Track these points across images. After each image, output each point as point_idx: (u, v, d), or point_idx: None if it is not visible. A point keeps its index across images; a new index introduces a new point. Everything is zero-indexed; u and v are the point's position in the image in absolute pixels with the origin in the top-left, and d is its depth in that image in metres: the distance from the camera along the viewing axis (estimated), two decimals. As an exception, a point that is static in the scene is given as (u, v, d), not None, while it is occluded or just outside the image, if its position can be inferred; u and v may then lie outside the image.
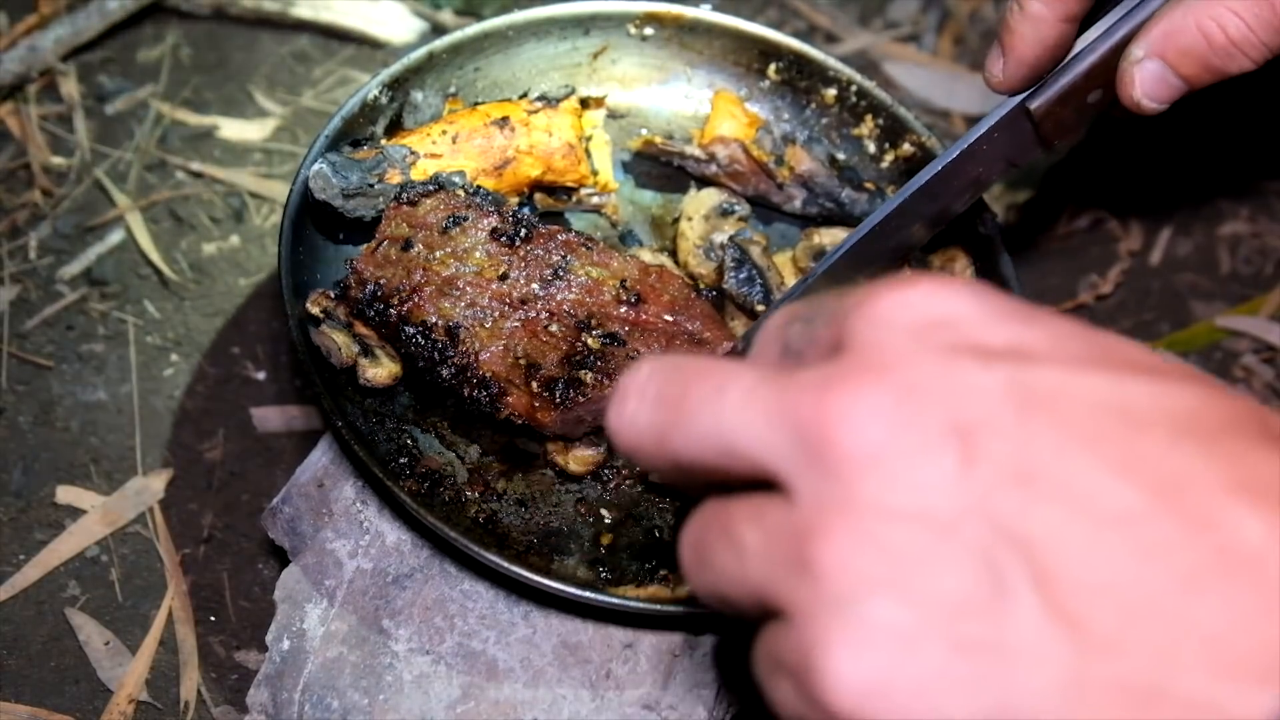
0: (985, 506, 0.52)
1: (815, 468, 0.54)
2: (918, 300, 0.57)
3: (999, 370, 0.54)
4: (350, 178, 1.15)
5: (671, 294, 1.10)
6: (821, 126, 1.34)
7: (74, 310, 1.34)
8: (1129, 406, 0.53)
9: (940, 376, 0.54)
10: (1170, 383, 0.55)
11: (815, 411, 0.54)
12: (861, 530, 0.53)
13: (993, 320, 0.57)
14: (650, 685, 1.04)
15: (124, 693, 1.12)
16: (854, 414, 0.54)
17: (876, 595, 0.52)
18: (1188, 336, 1.46)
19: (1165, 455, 0.52)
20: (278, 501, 1.12)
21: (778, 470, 0.56)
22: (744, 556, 0.58)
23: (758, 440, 0.57)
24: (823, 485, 0.54)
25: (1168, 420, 0.53)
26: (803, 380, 0.56)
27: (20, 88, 1.49)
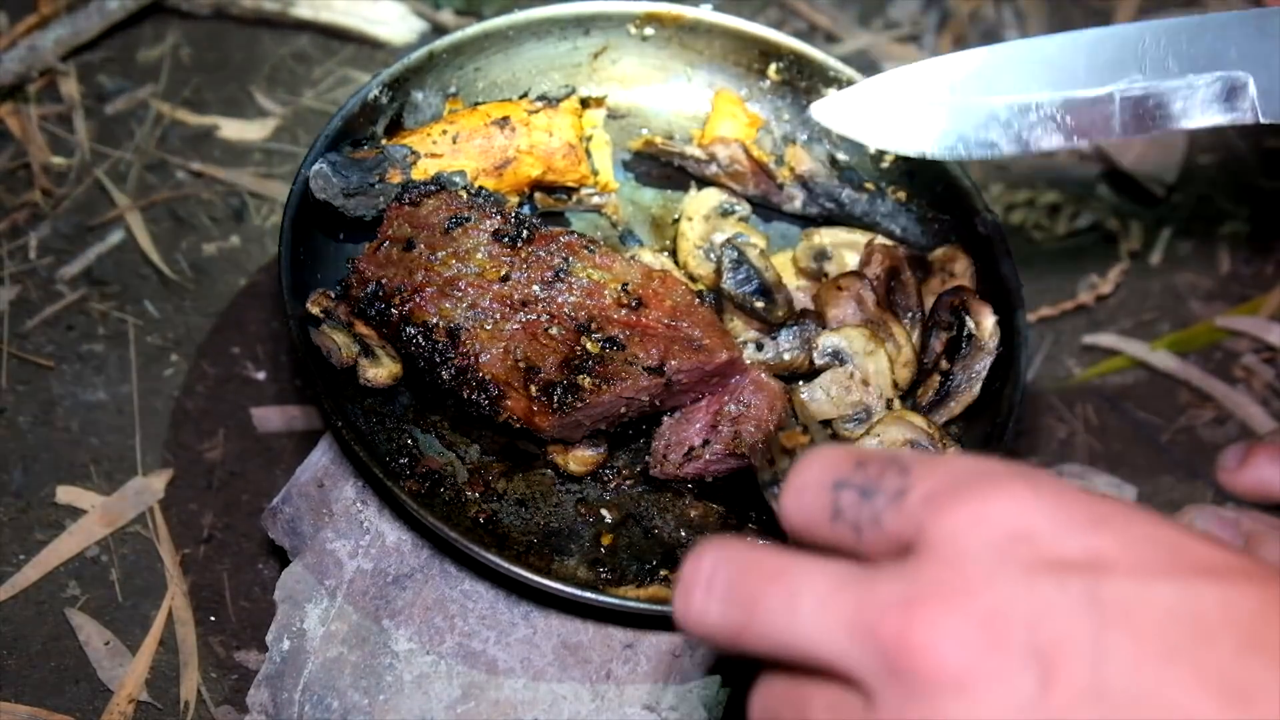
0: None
1: (900, 685, 0.57)
2: (995, 514, 0.59)
3: (1074, 587, 0.56)
4: (351, 177, 1.15)
5: (673, 299, 1.10)
6: (822, 127, 1.34)
7: (74, 310, 1.34)
8: (1198, 615, 0.56)
9: (1020, 598, 0.56)
10: (1237, 586, 0.57)
11: (900, 634, 0.57)
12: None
13: (1067, 530, 0.58)
14: (650, 685, 1.04)
15: (124, 693, 1.12)
16: (939, 638, 0.56)
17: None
18: (1188, 336, 1.46)
19: (1235, 665, 0.55)
20: (278, 501, 1.12)
21: (857, 677, 0.58)
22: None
23: (838, 650, 0.59)
24: (907, 703, 0.57)
25: (1235, 629, 0.56)
26: (883, 594, 0.58)
27: (20, 88, 1.49)
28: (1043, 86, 1.05)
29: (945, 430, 1.16)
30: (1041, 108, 1.05)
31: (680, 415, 1.12)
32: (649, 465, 1.12)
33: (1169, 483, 1.35)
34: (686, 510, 1.12)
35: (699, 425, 1.11)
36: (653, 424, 1.13)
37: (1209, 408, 1.41)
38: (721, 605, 0.63)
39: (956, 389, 1.17)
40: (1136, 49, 1.03)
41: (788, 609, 0.60)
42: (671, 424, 1.12)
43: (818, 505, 0.64)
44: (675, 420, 1.12)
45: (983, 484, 0.60)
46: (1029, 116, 1.05)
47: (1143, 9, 1.74)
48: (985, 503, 0.59)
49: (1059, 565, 0.57)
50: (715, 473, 1.11)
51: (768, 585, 0.61)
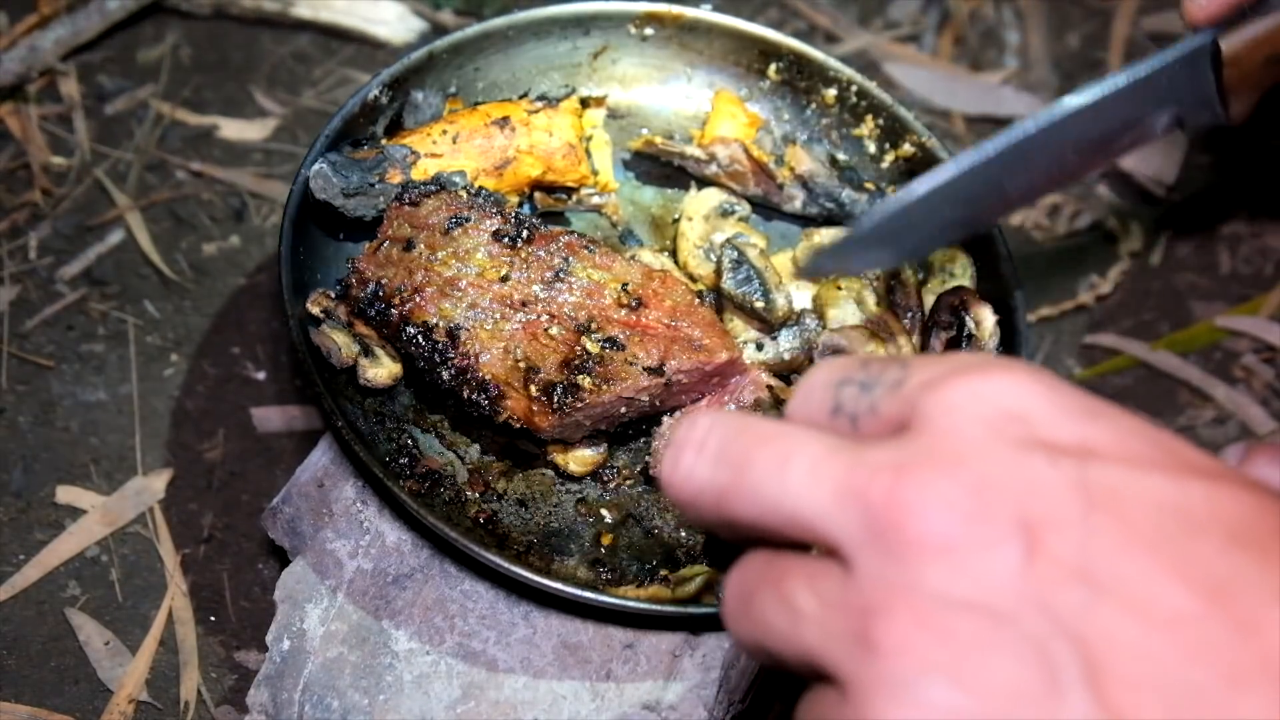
0: (1045, 601, 0.54)
1: (882, 549, 0.56)
2: (991, 392, 0.59)
3: (1066, 467, 0.56)
4: (351, 177, 1.15)
5: (673, 299, 1.10)
6: (822, 127, 1.34)
7: (74, 310, 1.34)
8: (1187, 509, 0.56)
9: (1010, 471, 0.56)
10: (1226, 488, 0.57)
11: (888, 496, 0.56)
12: (925, 615, 0.55)
13: (1062, 416, 0.59)
14: (650, 685, 1.04)
15: (124, 693, 1.12)
16: (926, 503, 0.56)
17: (935, 678, 0.54)
18: (1188, 336, 1.46)
19: (1218, 560, 0.55)
20: (278, 501, 1.12)
21: (841, 544, 0.58)
22: (798, 619, 0.59)
23: (824, 514, 0.58)
24: (889, 566, 0.56)
25: (1222, 526, 0.56)
26: (874, 460, 0.58)
27: (20, 88, 1.49)
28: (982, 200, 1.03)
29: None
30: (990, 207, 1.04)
31: (680, 415, 1.12)
32: (649, 465, 1.12)
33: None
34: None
35: (699, 425, 1.10)
36: (653, 424, 1.13)
37: (1209, 408, 1.41)
38: (711, 465, 0.62)
39: (956, 389, 1.17)
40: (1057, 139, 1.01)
41: (778, 470, 0.60)
42: (671, 424, 1.12)
43: (819, 401, 0.64)
44: (675, 420, 1.12)
45: (982, 367, 0.60)
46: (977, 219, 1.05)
47: (1143, 9, 1.74)
48: (982, 382, 0.59)
49: (1052, 446, 0.57)
50: (715, 473, 1.11)
51: (760, 446, 0.61)
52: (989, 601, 0.55)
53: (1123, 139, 1.01)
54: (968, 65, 1.68)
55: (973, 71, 1.67)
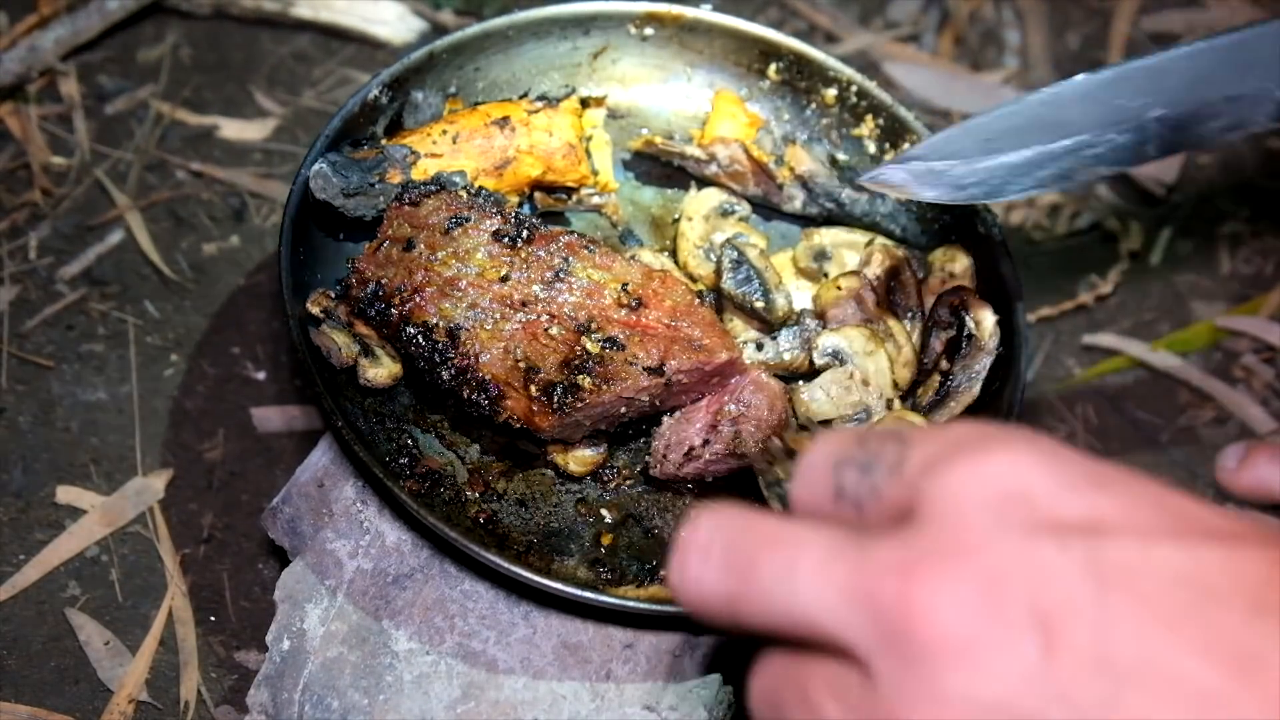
0: (1069, 695, 0.53)
1: (898, 654, 0.55)
2: (992, 473, 0.57)
3: (1076, 549, 0.55)
4: (351, 177, 1.15)
5: (673, 299, 1.10)
6: (822, 126, 1.34)
7: (74, 310, 1.34)
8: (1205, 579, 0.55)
9: (1019, 560, 0.55)
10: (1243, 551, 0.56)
11: (898, 598, 0.55)
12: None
13: (1067, 490, 0.57)
14: (650, 685, 1.04)
15: (124, 693, 1.12)
16: (938, 603, 0.55)
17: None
18: (1188, 336, 1.46)
19: (1243, 631, 0.53)
20: (278, 501, 1.12)
21: (856, 649, 0.57)
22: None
23: (835, 619, 0.57)
24: (908, 673, 0.55)
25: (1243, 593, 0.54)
26: (880, 560, 0.57)
27: (20, 88, 1.49)
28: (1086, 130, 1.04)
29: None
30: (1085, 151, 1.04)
31: (680, 415, 1.12)
32: (649, 465, 1.12)
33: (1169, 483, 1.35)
34: (686, 510, 1.12)
35: (699, 425, 1.11)
36: (653, 424, 1.13)
37: (1209, 408, 1.41)
38: (717, 571, 0.62)
39: (956, 389, 1.17)
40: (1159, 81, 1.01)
41: (785, 575, 0.59)
42: (671, 424, 1.12)
43: (821, 486, 0.63)
44: (675, 420, 1.12)
45: (980, 445, 0.58)
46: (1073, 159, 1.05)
47: (1143, 9, 1.74)
48: (982, 462, 0.58)
49: (1059, 526, 0.56)
50: (715, 473, 1.11)
51: (765, 550, 0.60)
52: (1012, 701, 0.53)
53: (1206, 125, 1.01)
54: (968, 65, 1.68)
55: (973, 71, 1.67)
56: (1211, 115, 1.01)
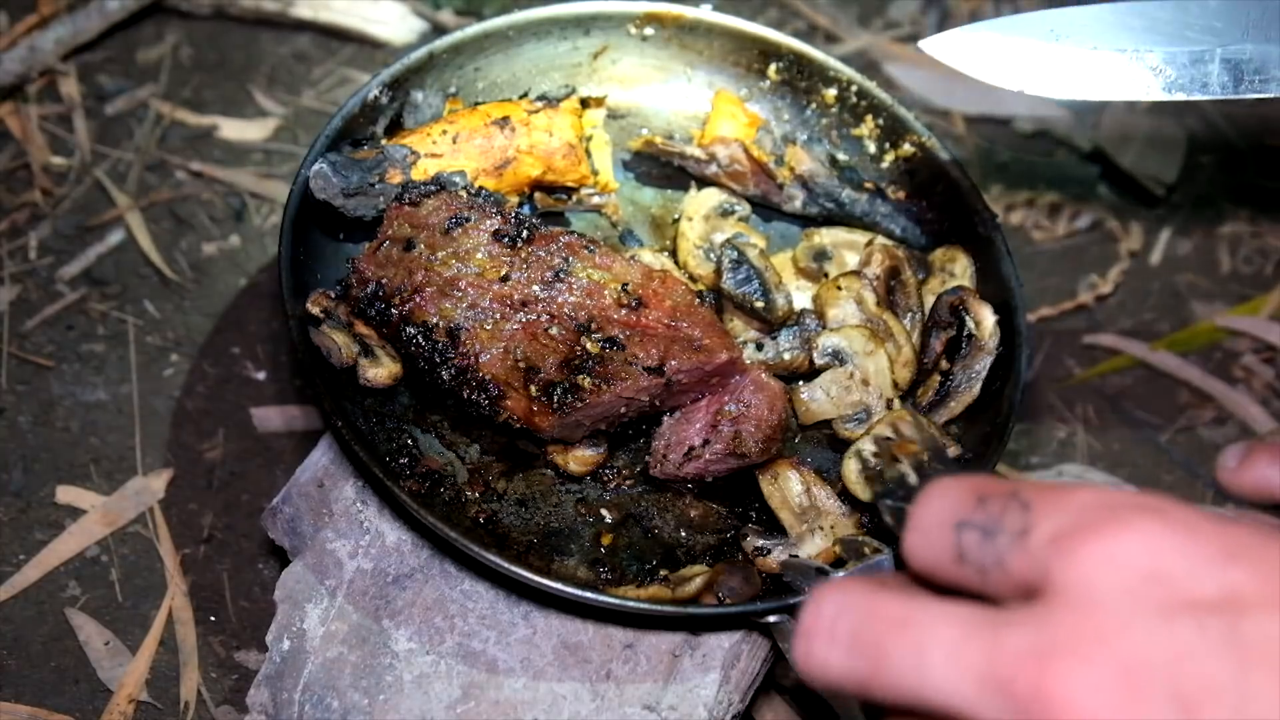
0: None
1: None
2: (1126, 554, 0.57)
3: (1214, 629, 0.55)
4: (351, 177, 1.15)
5: (674, 299, 1.10)
6: (822, 126, 1.34)
7: (74, 310, 1.34)
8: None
9: (1158, 644, 0.55)
10: None
11: (1035, 685, 0.55)
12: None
13: (1202, 566, 0.57)
14: (650, 685, 1.04)
15: (124, 693, 1.12)
16: (1077, 692, 0.55)
17: None
18: (1188, 336, 1.46)
19: None
20: (278, 501, 1.12)
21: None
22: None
23: (970, 704, 0.57)
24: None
25: None
26: (1015, 645, 0.57)
27: (20, 88, 1.49)
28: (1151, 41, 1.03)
29: (945, 430, 1.16)
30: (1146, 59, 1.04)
31: (680, 415, 1.12)
32: (649, 465, 1.12)
33: (1169, 483, 1.35)
34: (686, 510, 1.12)
35: (699, 425, 1.11)
36: (653, 424, 1.13)
37: (1209, 408, 1.41)
38: (846, 654, 0.62)
39: (956, 389, 1.17)
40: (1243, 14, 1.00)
41: (916, 659, 0.59)
42: (671, 424, 1.12)
43: (941, 547, 0.63)
44: (675, 420, 1.12)
45: (1110, 522, 0.58)
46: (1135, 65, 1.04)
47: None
48: (1115, 542, 0.57)
49: (1196, 605, 0.56)
50: (715, 473, 1.11)
51: (894, 634, 0.60)
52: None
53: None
54: (968, 65, 1.68)
55: (973, 71, 1.67)
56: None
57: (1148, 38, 1.04)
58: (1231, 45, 1.03)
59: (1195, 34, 1.02)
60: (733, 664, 1.05)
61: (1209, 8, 1.02)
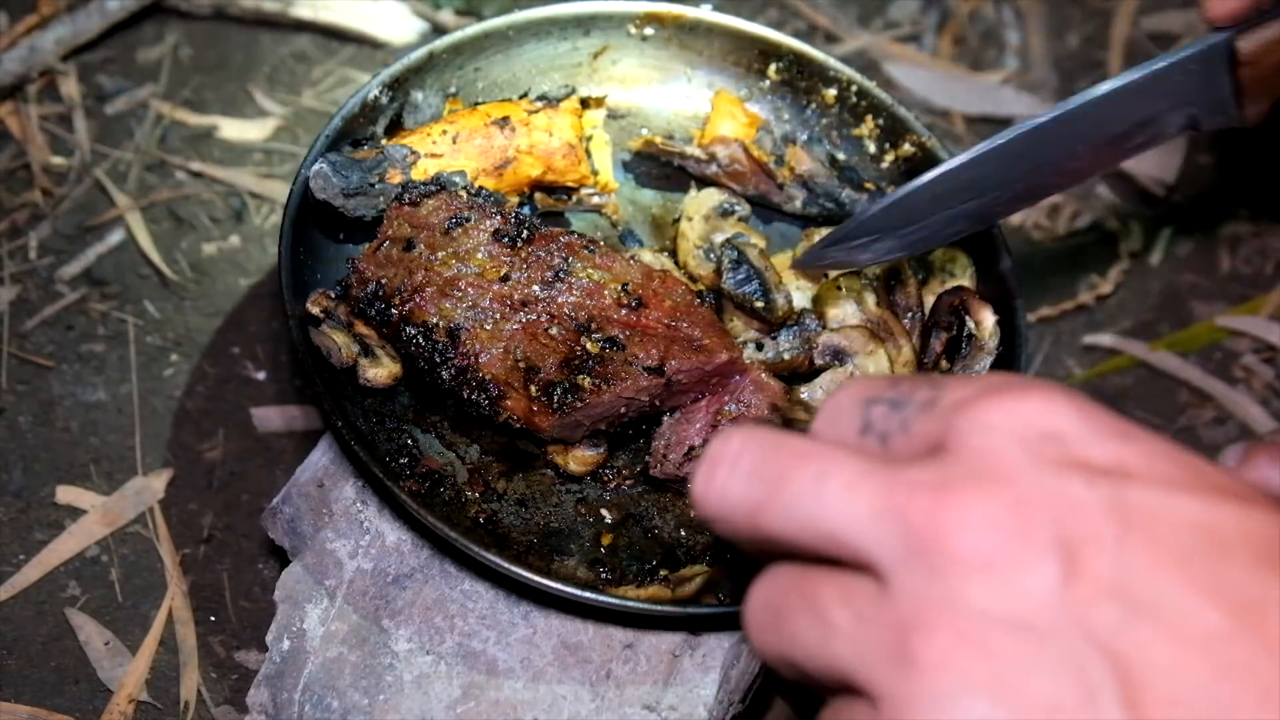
0: (1083, 619, 0.55)
1: (922, 566, 0.57)
2: (1027, 412, 0.60)
3: (1102, 488, 0.57)
4: (351, 177, 1.15)
5: (674, 299, 1.10)
6: (822, 126, 1.34)
7: (74, 310, 1.34)
8: (1217, 530, 0.57)
9: (1049, 491, 0.57)
10: (1254, 510, 0.58)
11: (929, 514, 0.57)
12: (966, 631, 0.56)
13: (1097, 437, 0.59)
14: (650, 685, 1.04)
15: (124, 693, 1.12)
16: (968, 521, 0.56)
17: (975, 695, 0.55)
18: (1188, 336, 1.46)
19: (1248, 580, 0.56)
20: (278, 501, 1.12)
21: (877, 561, 0.58)
22: (831, 634, 0.60)
23: (862, 531, 0.59)
24: (929, 583, 0.57)
25: (1251, 547, 0.57)
26: (913, 479, 0.58)
27: (20, 88, 1.49)
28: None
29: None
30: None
31: (680, 415, 1.12)
32: (649, 465, 1.12)
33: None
34: (686, 510, 1.12)
35: (699, 425, 1.11)
36: (653, 424, 1.13)
37: (1209, 408, 1.41)
38: (745, 482, 0.63)
39: (956, 389, 1.17)
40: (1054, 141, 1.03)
41: (814, 487, 0.60)
42: (671, 424, 1.12)
43: (848, 420, 0.65)
44: (675, 420, 1.12)
45: (1015, 389, 0.60)
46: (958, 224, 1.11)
47: (1143, 9, 1.74)
48: (1017, 403, 0.60)
49: (1087, 467, 0.58)
50: (715, 473, 1.11)
51: (796, 463, 0.61)
52: (1028, 619, 0.55)
53: (1135, 137, 1.02)
54: (968, 65, 1.68)
55: (973, 71, 1.67)
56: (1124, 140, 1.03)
57: (994, 182, 1.08)
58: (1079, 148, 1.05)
59: (1035, 160, 1.05)
60: (733, 664, 1.05)
61: (1042, 136, 1.03)
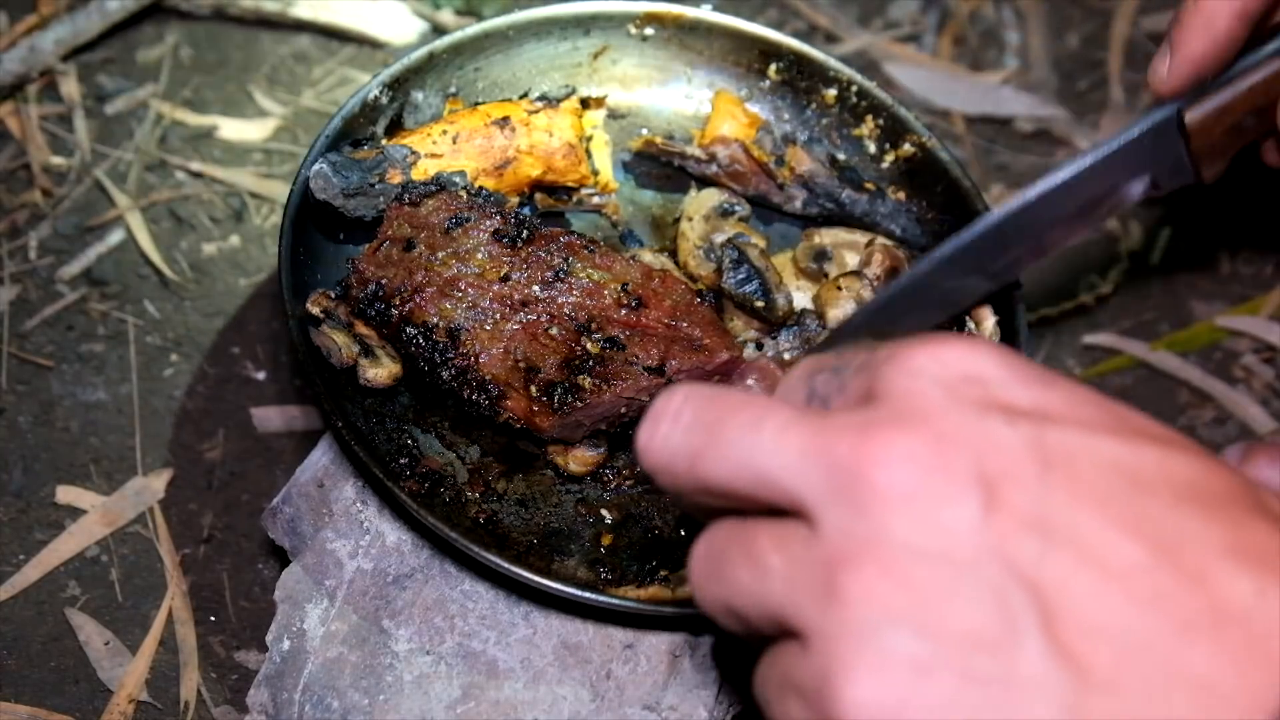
0: (1003, 551, 0.57)
1: (847, 503, 0.58)
2: (950, 357, 0.62)
3: (1023, 428, 0.59)
4: (351, 177, 1.15)
5: (674, 299, 1.10)
6: (822, 127, 1.34)
7: (74, 310, 1.34)
8: (1138, 470, 0.58)
9: (970, 429, 0.59)
10: (1175, 452, 0.60)
11: (852, 451, 0.59)
12: (888, 564, 0.57)
13: (1019, 381, 0.61)
14: (651, 686, 1.04)
15: (124, 693, 1.12)
16: (889, 456, 0.58)
17: (898, 625, 0.56)
18: (1188, 336, 1.46)
19: (1167, 516, 0.57)
20: (278, 501, 1.12)
21: (806, 502, 0.60)
22: (766, 576, 0.61)
23: (791, 472, 0.60)
24: (853, 520, 0.58)
25: (1171, 486, 0.58)
26: (840, 422, 0.60)
27: (20, 88, 1.49)
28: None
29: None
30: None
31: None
32: (649, 465, 1.12)
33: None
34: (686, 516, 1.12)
35: (699, 425, 1.10)
36: (653, 424, 1.13)
37: (1209, 408, 1.41)
38: (684, 432, 0.65)
39: (956, 389, 1.17)
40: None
41: (749, 432, 0.62)
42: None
43: (795, 394, 0.67)
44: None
45: (941, 339, 0.63)
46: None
47: (1143, 9, 1.74)
48: (941, 349, 0.62)
49: (1009, 408, 0.60)
50: (715, 473, 1.11)
51: (732, 412, 0.64)
52: (949, 551, 0.57)
53: (1100, 209, 1.05)
54: (968, 65, 1.68)
55: (973, 71, 1.67)
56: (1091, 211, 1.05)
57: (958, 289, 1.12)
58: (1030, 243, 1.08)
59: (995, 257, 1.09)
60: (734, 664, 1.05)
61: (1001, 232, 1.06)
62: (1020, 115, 1.63)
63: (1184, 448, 0.60)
